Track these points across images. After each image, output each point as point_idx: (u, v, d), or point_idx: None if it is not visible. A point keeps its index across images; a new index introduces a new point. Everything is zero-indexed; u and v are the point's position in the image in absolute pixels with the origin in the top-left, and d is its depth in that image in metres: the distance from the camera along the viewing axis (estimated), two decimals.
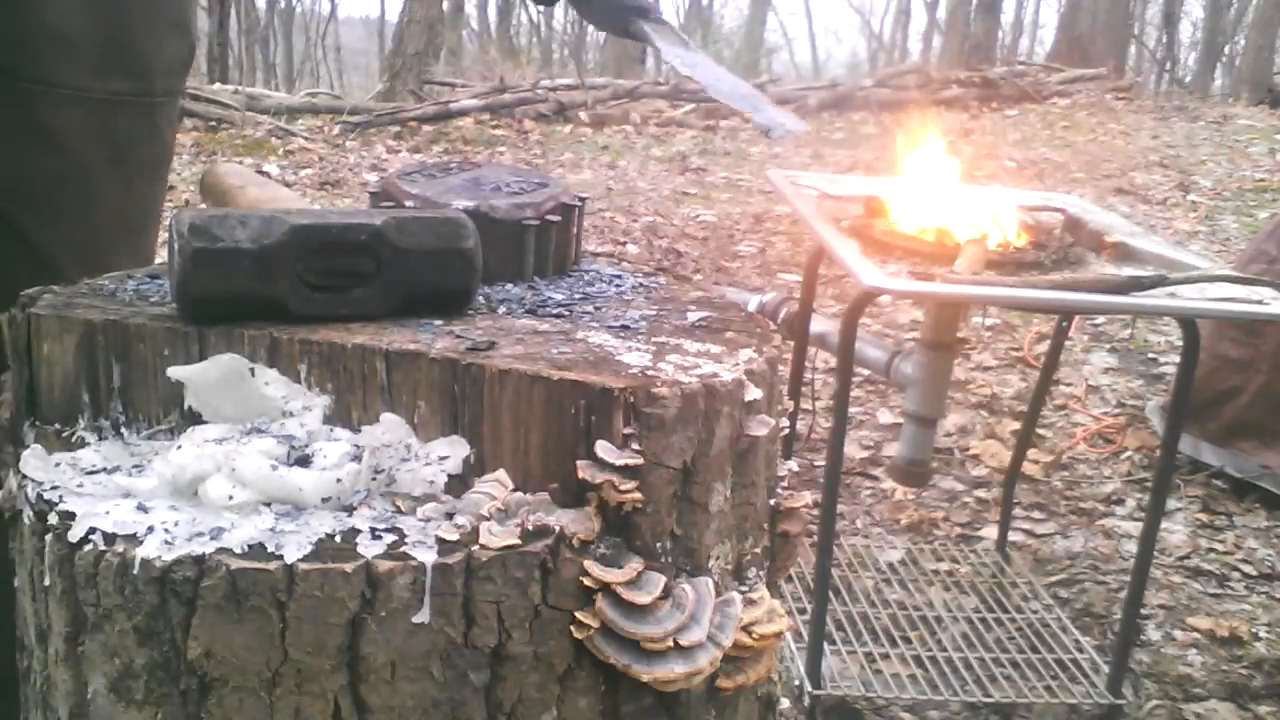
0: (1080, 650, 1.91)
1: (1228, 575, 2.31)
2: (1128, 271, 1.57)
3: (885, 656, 1.90)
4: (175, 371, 0.72)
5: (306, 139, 7.09)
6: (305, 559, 0.62)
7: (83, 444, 0.74)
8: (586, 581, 0.66)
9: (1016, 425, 2.82)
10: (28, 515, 0.68)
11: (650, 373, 0.70)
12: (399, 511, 0.68)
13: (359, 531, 0.65)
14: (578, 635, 0.66)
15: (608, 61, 14.47)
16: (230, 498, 0.66)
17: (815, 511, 1.77)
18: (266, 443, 0.69)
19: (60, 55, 1.04)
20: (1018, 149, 7.47)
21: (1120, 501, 2.63)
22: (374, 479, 0.69)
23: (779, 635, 0.73)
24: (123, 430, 0.74)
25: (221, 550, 0.62)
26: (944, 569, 2.23)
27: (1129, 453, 2.86)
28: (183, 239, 0.71)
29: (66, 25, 1.03)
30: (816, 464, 2.59)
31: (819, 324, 2.18)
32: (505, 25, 20.09)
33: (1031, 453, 2.67)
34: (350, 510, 0.68)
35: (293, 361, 0.72)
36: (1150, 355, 3.52)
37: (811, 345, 2.14)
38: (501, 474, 0.70)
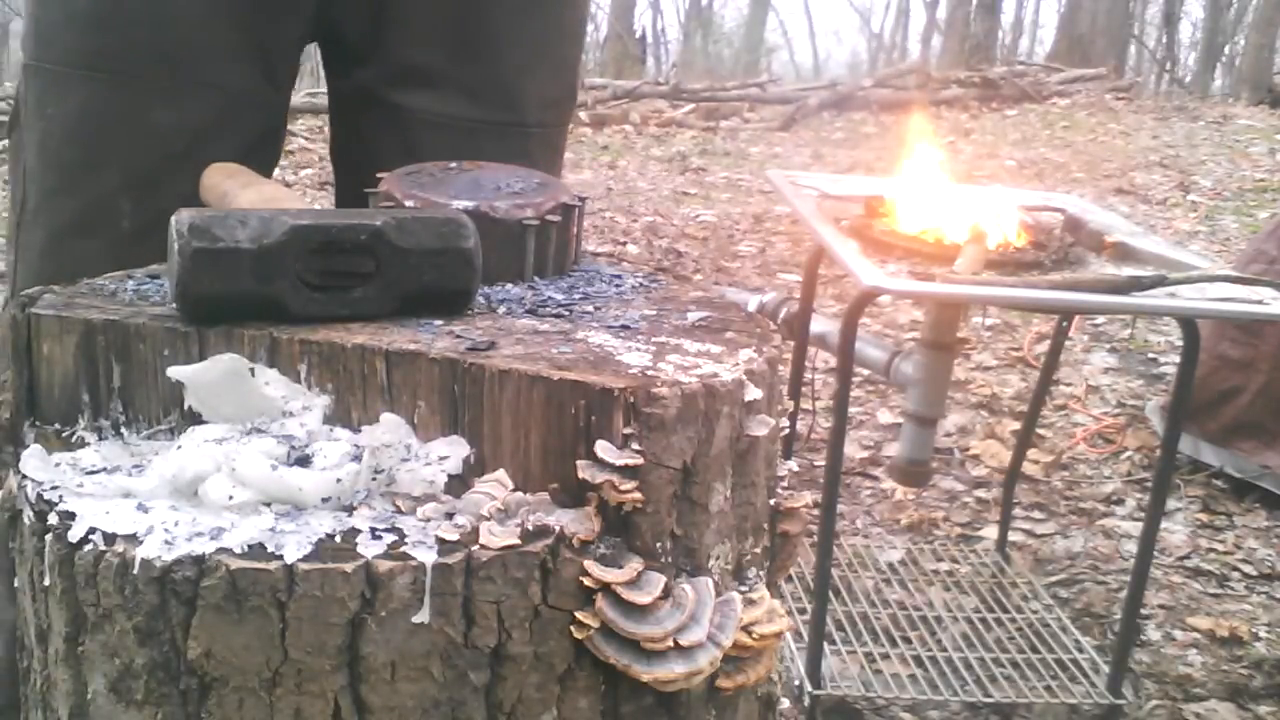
0: (1080, 650, 1.91)
1: (1228, 575, 2.31)
2: (1128, 271, 1.57)
3: (885, 656, 1.90)
4: (175, 371, 0.72)
5: (306, 139, 7.08)
6: (305, 559, 0.62)
7: (83, 444, 0.74)
8: (586, 581, 0.65)
9: (1016, 425, 2.82)
10: (28, 515, 0.67)
11: (650, 373, 0.69)
12: (399, 511, 0.68)
13: (359, 531, 0.65)
14: (578, 635, 0.66)
15: (608, 61, 14.46)
16: (230, 498, 0.66)
17: (815, 511, 1.77)
18: (266, 443, 0.69)
19: (423, 87, 1.17)
20: (1018, 149, 7.47)
21: (1120, 501, 2.63)
22: (374, 479, 0.69)
23: (779, 635, 0.73)
24: (123, 430, 0.74)
25: (221, 550, 0.62)
26: (944, 569, 2.23)
27: (1129, 453, 2.86)
28: (183, 239, 0.71)
29: (432, 63, 1.17)
30: (816, 464, 2.59)
31: (819, 324, 2.17)
32: None
33: (1031, 453, 2.67)
34: (350, 510, 0.68)
35: (293, 361, 0.72)
36: (1150, 355, 3.51)
37: (811, 345, 2.14)
38: (501, 474, 0.70)
